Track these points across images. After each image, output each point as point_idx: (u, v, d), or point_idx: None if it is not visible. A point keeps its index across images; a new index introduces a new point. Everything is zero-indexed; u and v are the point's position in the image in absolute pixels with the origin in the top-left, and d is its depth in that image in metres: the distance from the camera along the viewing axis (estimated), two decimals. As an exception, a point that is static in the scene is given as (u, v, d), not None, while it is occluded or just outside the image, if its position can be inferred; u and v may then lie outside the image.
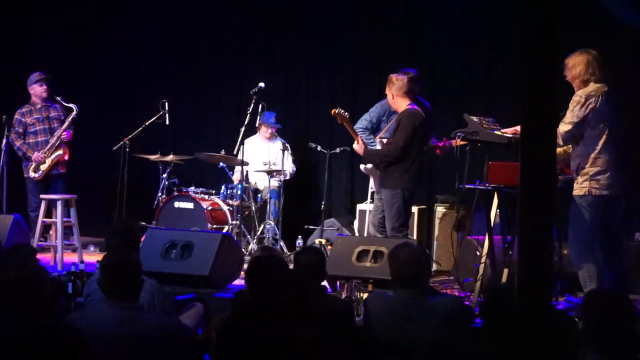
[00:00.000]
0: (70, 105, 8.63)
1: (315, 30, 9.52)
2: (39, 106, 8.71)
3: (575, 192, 5.96)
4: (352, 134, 7.34)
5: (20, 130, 8.66)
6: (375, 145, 7.32)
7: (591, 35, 7.04)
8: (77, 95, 8.85)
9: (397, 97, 7.00)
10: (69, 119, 8.64)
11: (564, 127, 5.89)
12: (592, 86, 5.93)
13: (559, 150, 6.13)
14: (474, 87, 8.78)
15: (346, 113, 7.25)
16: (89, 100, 9.02)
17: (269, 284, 3.80)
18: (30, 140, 8.67)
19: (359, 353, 4.19)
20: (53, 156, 8.62)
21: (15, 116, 8.67)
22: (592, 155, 5.88)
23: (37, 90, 8.68)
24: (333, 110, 7.28)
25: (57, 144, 8.62)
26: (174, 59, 10.03)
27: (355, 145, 7.29)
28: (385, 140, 7.19)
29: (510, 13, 8.03)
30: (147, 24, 9.94)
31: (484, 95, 8.67)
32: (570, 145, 6.07)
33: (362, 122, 7.62)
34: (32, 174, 8.60)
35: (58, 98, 8.65)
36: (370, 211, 7.63)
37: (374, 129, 7.57)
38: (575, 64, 5.95)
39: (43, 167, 8.60)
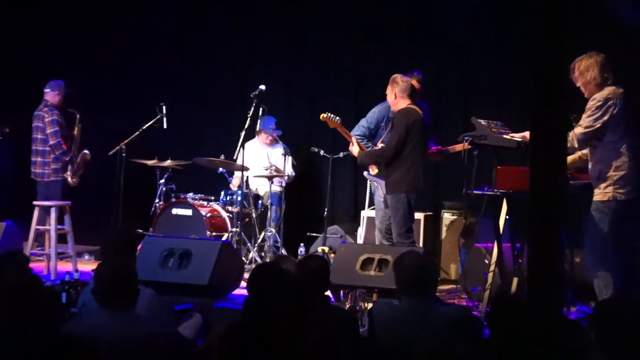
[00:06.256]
0: (72, 110, 8.67)
1: (318, 33, 9.48)
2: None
3: (597, 198, 5.80)
4: (346, 136, 7.34)
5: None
6: None
7: (596, 37, 6.91)
8: (73, 98, 8.75)
9: (399, 98, 6.99)
10: (78, 125, 8.64)
11: (580, 130, 5.76)
12: (607, 89, 5.80)
13: (574, 156, 5.99)
14: (481, 90, 8.71)
15: (337, 118, 7.21)
16: (85, 104, 8.90)
17: (269, 292, 3.73)
18: (51, 142, 8.55)
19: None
20: (79, 160, 8.67)
21: (55, 117, 8.51)
22: (614, 159, 5.74)
23: (56, 99, 8.62)
24: (322, 115, 7.29)
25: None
26: (172, 61, 9.97)
27: (350, 147, 7.22)
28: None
29: (519, 15, 7.89)
30: (145, 28, 9.91)
31: (492, 98, 8.55)
32: (584, 151, 5.95)
33: (360, 128, 7.43)
34: (71, 180, 8.60)
35: None
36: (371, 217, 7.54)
37: (372, 135, 7.44)
38: (589, 68, 5.81)
39: (79, 172, 8.67)
